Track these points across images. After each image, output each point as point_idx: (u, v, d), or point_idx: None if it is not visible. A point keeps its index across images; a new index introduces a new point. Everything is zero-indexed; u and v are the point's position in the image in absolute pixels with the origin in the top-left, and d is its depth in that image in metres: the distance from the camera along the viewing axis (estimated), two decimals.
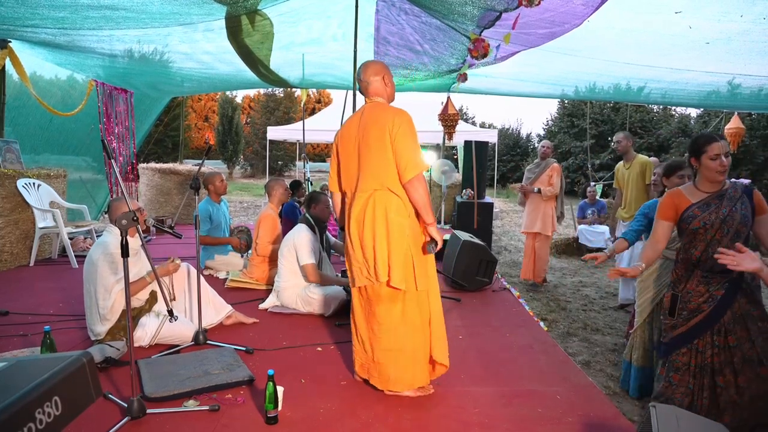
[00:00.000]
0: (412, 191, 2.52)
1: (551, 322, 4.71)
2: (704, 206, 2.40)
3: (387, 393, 2.64)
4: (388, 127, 2.50)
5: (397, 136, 2.49)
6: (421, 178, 2.52)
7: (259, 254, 4.62)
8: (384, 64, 2.76)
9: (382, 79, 2.68)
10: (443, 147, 10.62)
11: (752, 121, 15.70)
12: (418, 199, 2.53)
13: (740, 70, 4.92)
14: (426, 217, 2.55)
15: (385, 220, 2.52)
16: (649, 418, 1.78)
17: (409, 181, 2.50)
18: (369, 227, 2.54)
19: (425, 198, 2.53)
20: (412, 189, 2.52)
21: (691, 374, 2.46)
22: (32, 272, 5.17)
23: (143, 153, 13.46)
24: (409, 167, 2.49)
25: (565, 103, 22.94)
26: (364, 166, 2.58)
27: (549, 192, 5.63)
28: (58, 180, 5.95)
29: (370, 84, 2.67)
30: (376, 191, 2.55)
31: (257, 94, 33.05)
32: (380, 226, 2.52)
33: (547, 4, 3.58)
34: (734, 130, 8.12)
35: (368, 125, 2.57)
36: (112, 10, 4.28)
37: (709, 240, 2.39)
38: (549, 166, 5.73)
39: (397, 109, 2.58)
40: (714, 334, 2.42)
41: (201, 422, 2.34)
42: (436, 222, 2.59)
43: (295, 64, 6.63)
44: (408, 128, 2.53)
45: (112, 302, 2.99)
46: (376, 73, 2.68)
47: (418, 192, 2.51)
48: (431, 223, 2.56)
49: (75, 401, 1.28)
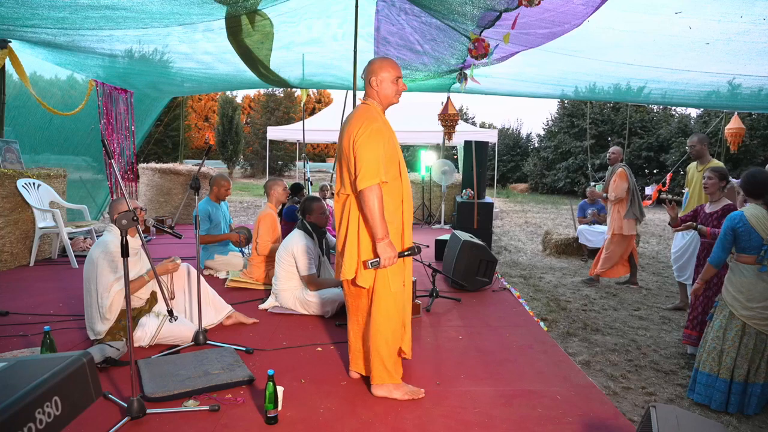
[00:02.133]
0: (362, 202, 2.45)
1: (551, 322, 4.71)
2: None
3: (378, 397, 2.63)
4: (353, 135, 2.46)
5: (356, 144, 2.43)
6: (375, 189, 2.41)
7: (260, 253, 4.62)
8: (382, 62, 2.62)
9: (369, 81, 2.60)
10: (443, 147, 10.63)
11: (752, 121, 15.71)
12: (367, 212, 2.43)
13: (740, 71, 4.92)
14: (375, 231, 2.43)
15: (357, 221, 2.54)
16: (649, 418, 1.78)
17: (360, 191, 2.42)
18: (344, 226, 2.60)
19: (375, 212, 2.41)
20: (362, 200, 2.44)
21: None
22: (32, 272, 5.17)
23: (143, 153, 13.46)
24: (360, 177, 2.41)
25: (565, 103, 22.95)
26: (341, 170, 2.62)
27: (613, 197, 5.94)
28: (58, 180, 5.96)
29: (366, 85, 2.65)
30: (348, 196, 2.58)
31: (257, 94, 33.07)
32: (352, 227, 2.55)
33: (547, 4, 3.58)
34: (734, 130, 8.12)
35: (344, 129, 2.58)
36: (112, 10, 4.28)
37: None
38: (616, 171, 6.02)
39: (368, 117, 2.50)
40: None
41: (201, 422, 2.34)
42: (387, 238, 2.45)
43: (295, 64, 6.63)
44: (367, 139, 2.43)
45: (111, 301, 2.98)
46: (369, 72, 2.61)
47: (368, 204, 2.41)
48: (379, 238, 2.43)
49: (75, 401, 1.28)
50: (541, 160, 24.18)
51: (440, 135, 8.78)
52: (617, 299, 5.57)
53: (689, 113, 20.44)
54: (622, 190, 5.82)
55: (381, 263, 2.45)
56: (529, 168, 24.90)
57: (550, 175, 23.16)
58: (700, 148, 4.85)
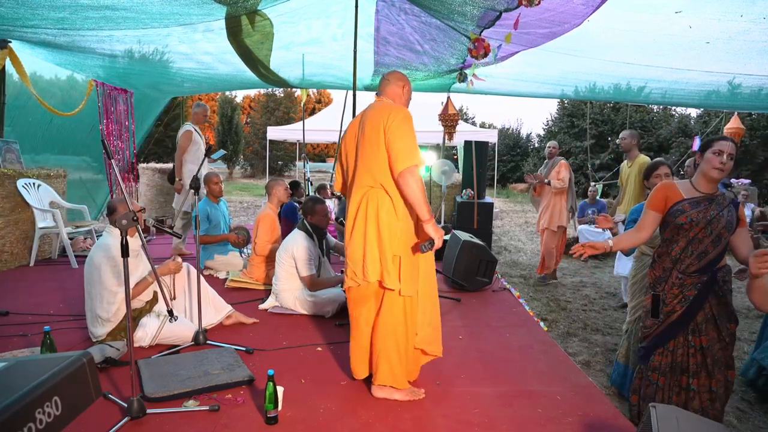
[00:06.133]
0: (402, 185, 2.39)
1: (551, 322, 4.71)
2: (695, 204, 2.43)
3: (378, 397, 2.63)
4: (383, 120, 2.45)
5: (390, 127, 2.41)
6: (414, 171, 2.37)
7: (258, 254, 4.61)
8: (408, 79, 2.76)
9: (402, 87, 2.67)
10: (443, 147, 10.62)
11: (752, 121, 15.69)
12: (410, 194, 2.39)
13: (740, 70, 4.92)
14: (421, 213, 2.42)
15: (376, 220, 2.48)
16: (649, 418, 1.78)
17: (400, 173, 2.36)
18: (360, 226, 2.52)
19: (418, 194, 2.38)
20: (402, 182, 2.38)
21: (664, 373, 2.52)
22: (32, 272, 5.17)
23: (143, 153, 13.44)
24: (400, 158, 2.36)
25: (565, 103, 22.94)
26: (361, 161, 2.55)
27: (558, 185, 5.88)
28: (58, 180, 5.95)
29: (389, 84, 2.66)
30: (370, 188, 2.51)
31: (257, 94, 33.05)
32: (371, 226, 2.49)
33: (547, 4, 3.58)
34: (734, 130, 8.12)
35: (367, 120, 2.54)
36: (112, 10, 4.28)
37: (691, 237, 2.43)
38: (557, 163, 6.05)
39: (396, 106, 2.55)
40: (689, 334, 2.47)
41: (201, 422, 2.34)
42: (433, 219, 2.46)
43: (295, 64, 6.63)
44: (402, 121, 2.43)
45: (117, 306, 2.98)
46: (400, 79, 2.69)
47: (410, 186, 2.36)
48: (427, 220, 2.42)
49: (75, 401, 1.28)
50: (541, 160, 24.14)
51: (440, 135, 8.77)
52: (617, 299, 5.57)
53: (689, 113, 20.44)
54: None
55: (436, 243, 2.44)
56: (529, 168, 24.88)
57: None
58: (629, 141, 4.98)
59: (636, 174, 4.82)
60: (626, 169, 5.01)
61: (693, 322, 2.45)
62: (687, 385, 2.48)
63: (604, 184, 11.60)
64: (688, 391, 2.48)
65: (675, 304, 2.47)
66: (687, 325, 2.46)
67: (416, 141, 2.48)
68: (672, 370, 2.51)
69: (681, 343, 2.48)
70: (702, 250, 2.42)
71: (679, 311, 2.46)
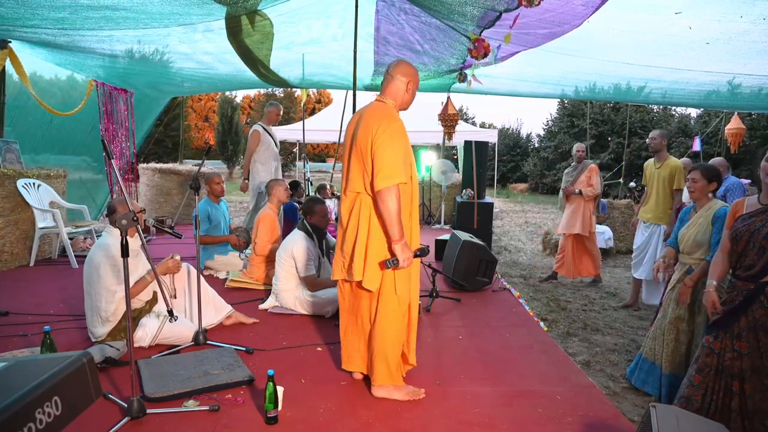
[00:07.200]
0: (379, 202, 2.39)
1: (551, 322, 4.71)
2: (747, 217, 2.49)
3: (378, 397, 2.63)
4: (372, 130, 2.41)
5: (377, 141, 2.38)
6: (392, 191, 2.36)
7: (258, 254, 4.62)
8: (416, 72, 2.65)
9: (406, 84, 2.59)
10: (443, 147, 10.62)
11: (752, 121, 15.71)
12: (385, 214, 2.39)
13: (740, 70, 4.92)
14: (392, 233, 2.41)
15: (368, 222, 2.49)
16: (649, 418, 1.78)
17: (378, 191, 2.37)
18: (353, 226, 2.54)
19: (393, 214, 2.37)
20: (380, 200, 2.38)
21: (709, 377, 2.54)
22: (32, 272, 5.17)
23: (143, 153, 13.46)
24: (380, 175, 2.35)
25: (565, 103, 22.95)
26: (352, 166, 2.55)
27: (590, 192, 5.77)
28: (58, 180, 5.95)
29: (392, 81, 2.59)
30: (359, 194, 2.52)
31: (257, 94, 33.08)
32: (363, 227, 2.50)
33: (547, 5, 3.58)
34: (734, 130, 8.11)
35: (361, 125, 2.50)
36: (112, 10, 4.28)
37: (740, 251, 2.49)
38: (587, 167, 5.87)
39: (388, 115, 2.47)
40: (734, 339, 2.49)
41: (201, 422, 2.34)
42: (404, 239, 2.44)
43: (295, 64, 6.63)
44: (391, 136, 2.39)
45: (116, 306, 2.98)
46: (405, 74, 2.59)
47: (386, 205, 2.37)
48: (396, 240, 2.41)
49: (75, 401, 1.28)
50: (541, 160, 24.19)
51: (440, 135, 8.77)
52: (617, 299, 5.58)
53: (689, 113, 20.45)
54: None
55: (400, 263, 2.43)
56: (529, 168, 24.91)
57: (550, 175, 23.17)
58: (660, 142, 4.84)
59: (665, 177, 4.69)
60: (653, 170, 4.84)
61: (736, 325, 2.48)
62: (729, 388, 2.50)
63: (604, 184, 11.59)
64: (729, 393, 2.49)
65: (728, 299, 2.55)
66: (732, 324, 2.49)
67: (404, 155, 2.43)
68: (718, 374, 2.53)
69: (728, 346, 2.50)
70: (749, 263, 2.46)
71: (732, 303, 2.51)
